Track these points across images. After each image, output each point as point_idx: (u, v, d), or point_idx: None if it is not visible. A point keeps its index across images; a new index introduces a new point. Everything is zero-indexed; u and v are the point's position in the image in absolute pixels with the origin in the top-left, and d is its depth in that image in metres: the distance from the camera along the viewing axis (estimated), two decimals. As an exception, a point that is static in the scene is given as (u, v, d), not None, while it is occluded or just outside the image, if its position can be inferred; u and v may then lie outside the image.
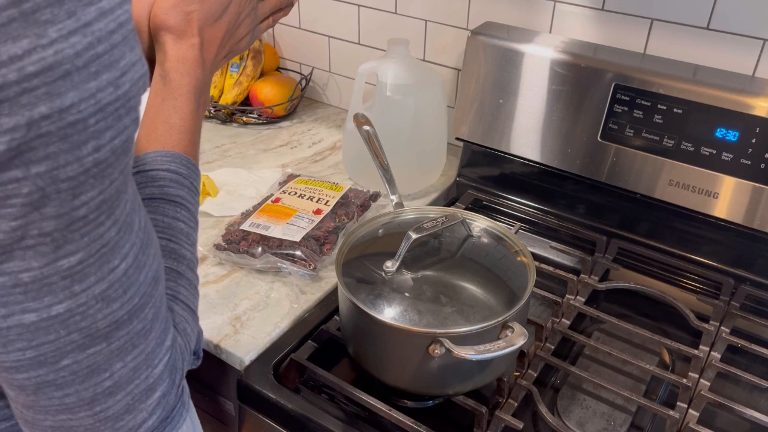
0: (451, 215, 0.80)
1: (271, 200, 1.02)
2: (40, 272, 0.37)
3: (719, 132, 0.88)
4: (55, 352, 0.40)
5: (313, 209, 0.99)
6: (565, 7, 1.04)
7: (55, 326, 0.39)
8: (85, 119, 0.35)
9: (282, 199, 1.02)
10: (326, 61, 1.38)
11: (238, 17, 0.64)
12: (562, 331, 0.85)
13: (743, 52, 0.92)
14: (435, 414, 0.76)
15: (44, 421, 0.44)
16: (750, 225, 0.90)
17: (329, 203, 1.01)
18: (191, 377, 0.84)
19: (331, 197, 1.02)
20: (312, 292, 0.90)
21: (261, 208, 1.00)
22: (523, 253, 0.77)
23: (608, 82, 0.94)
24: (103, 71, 0.36)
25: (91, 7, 0.34)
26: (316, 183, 1.06)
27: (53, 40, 0.33)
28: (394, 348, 0.71)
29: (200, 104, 0.61)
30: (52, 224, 0.36)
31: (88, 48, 0.34)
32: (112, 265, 0.40)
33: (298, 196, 1.02)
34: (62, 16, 0.33)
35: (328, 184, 1.05)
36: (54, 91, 0.33)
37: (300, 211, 0.99)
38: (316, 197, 1.02)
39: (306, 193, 1.03)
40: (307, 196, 1.02)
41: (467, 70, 1.07)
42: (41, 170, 0.35)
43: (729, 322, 0.87)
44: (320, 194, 1.03)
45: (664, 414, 0.74)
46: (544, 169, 1.05)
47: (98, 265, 0.40)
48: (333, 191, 1.04)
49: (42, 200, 0.35)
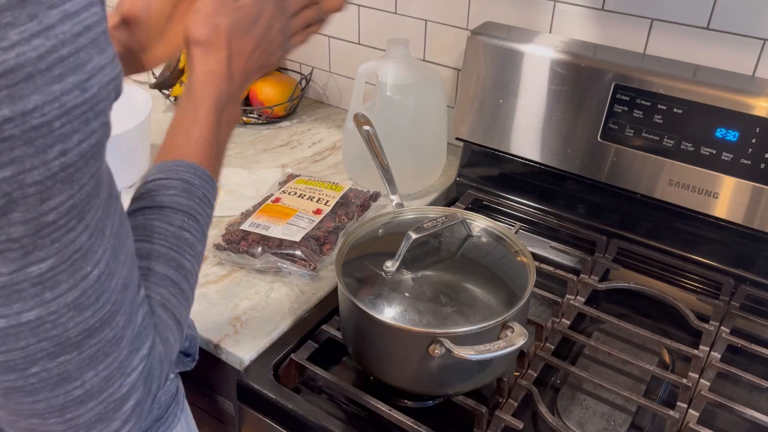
0: (451, 215, 0.80)
1: (271, 200, 1.02)
2: (9, 278, 0.37)
3: (719, 132, 0.88)
4: (24, 359, 0.40)
5: (313, 209, 0.99)
6: (565, 7, 1.04)
7: (25, 333, 0.39)
8: (50, 122, 0.35)
9: (282, 199, 1.02)
10: (326, 61, 1.38)
11: (269, 30, 0.63)
12: (562, 331, 0.85)
13: (743, 52, 0.92)
14: (435, 414, 0.76)
15: (17, 422, 0.44)
16: (750, 225, 0.90)
17: (329, 203, 1.01)
18: (191, 377, 0.84)
19: (331, 197, 1.02)
20: (312, 292, 0.90)
21: (261, 208, 1.00)
22: (523, 253, 0.77)
23: (608, 82, 0.94)
24: (68, 74, 0.35)
25: (54, 10, 0.34)
26: (316, 183, 1.06)
27: (14, 43, 0.33)
28: (394, 348, 0.71)
29: (224, 118, 0.60)
30: (21, 230, 0.36)
31: (52, 51, 0.34)
32: (85, 271, 0.40)
33: (298, 196, 1.02)
34: (24, 19, 0.33)
35: (328, 184, 1.05)
36: (16, 93, 0.33)
37: (300, 211, 0.98)
38: (316, 197, 1.02)
39: (306, 193, 1.03)
40: (307, 196, 1.02)
41: (467, 70, 1.07)
42: (6, 175, 0.34)
43: (729, 322, 0.87)
44: (320, 194, 1.03)
45: (664, 414, 0.74)
46: (544, 169, 1.05)
47: (70, 272, 0.39)
48: (333, 191, 1.04)
49: (9, 205, 0.35)
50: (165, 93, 1.37)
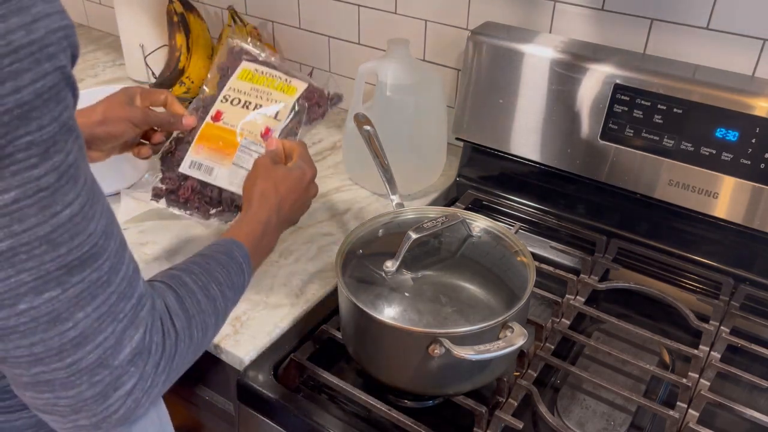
0: (451, 215, 0.80)
1: (212, 116, 0.86)
2: None
3: (719, 132, 0.88)
4: (8, 293, 0.42)
5: (260, 131, 0.83)
6: (564, 7, 1.04)
7: (2, 263, 0.42)
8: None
9: (224, 113, 0.85)
10: (326, 61, 1.38)
11: (306, 191, 0.79)
12: (562, 331, 0.85)
13: (743, 52, 0.92)
14: (435, 414, 0.76)
15: (21, 377, 0.46)
16: (750, 225, 0.90)
17: (280, 116, 0.84)
18: (191, 377, 0.84)
19: (283, 106, 0.85)
20: (312, 292, 0.90)
21: (200, 131, 0.85)
22: (523, 253, 0.77)
23: (608, 82, 0.94)
24: (11, 15, 0.39)
25: None
26: (264, 79, 0.86)
27: None
28: (394, 348, 0.71)
29: (263, 241, 0.72)
30: None
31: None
32: (54, 210, 0.43)
33: (243, 106, 0.85)
34: None
35: (279, 83, 0.86)
36: None
37: (245, 136, 0.83)
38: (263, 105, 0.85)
39: (251, 100, 0.85)
40: (253, 105, 0.85)
41: (467, 70, 1.07)
42: None
43: (729, 322, 0.87)
44: (268, 98, 0.85)
45: (664, 414, 0.74)
46: (544, 169, 1.05)
47: (38, 208, 0.42)
48: (284, 94, 0.85)
49: None
50: (165, 93, 1.37)
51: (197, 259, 0.62)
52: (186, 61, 1.37)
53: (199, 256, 0.63)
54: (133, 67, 1.49)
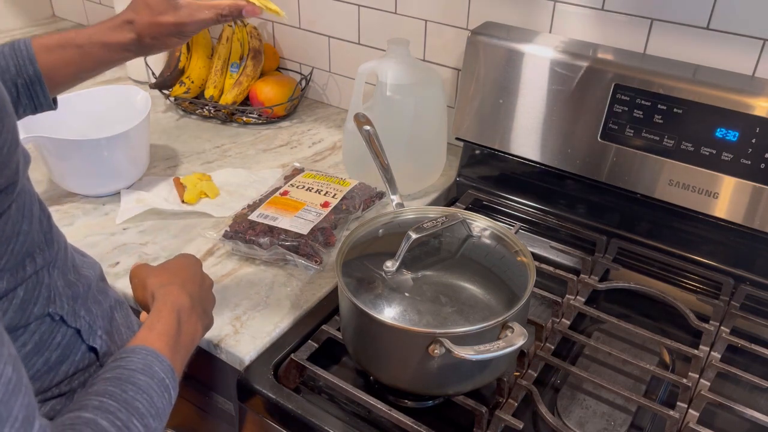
0: (451, 215, 0.80)
1: (279, 193, 1.03)
2: None
3: (719, 132, 0.88)
4: None
5: (320, 202, 0.99)
6: (565, 7, 1.04)
7: None
8: None
9: (290, 192, 1.02)
10: (326, 61, 1.38)
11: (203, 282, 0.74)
12: (562, 331, 0.85)
13: (743, 52, 0.92)
14: (435, 414, 0.76)
15: None
16: (750, 225, 0.90)
17: (337, 196, 1.01)
18: (191, 377, 0.84)
19: (339, 191, 1.02)
20: (312, 292, 0.90)
21: (269, 200, 1.01)
22: (523, 253, 0.77)
23: (608, 82, 0.94)
24: None
25: None
26: (323, 177, 1.07)
27: None
28: (394, 348, 0.71)
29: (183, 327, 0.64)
30: None
31: None
32: None
33: (306, 190, 1.03)
34: None
35: (336, 179, 1.06)
36: None
37: (308, 204, 0.99)
38: (324, 191, 1.03)
39: (314, 187, 1.03)
40: (315, 190, 1.03)
41: (467, 70, 1.07)
42: None
43: (729, 322, 0.87)
44: (328, 188, 1.03)
45: (664, 414, 0.74)
46: (544, 169, 1.05)
47: None
48: (340, 186, 1.04)
49: None
50: (165, 93, 1.37)
51: (113, 390, 0.53)
52: (186, 61, 1.37)
53: (115, 381, 0.54)
54: (133, 66, 1.48)
